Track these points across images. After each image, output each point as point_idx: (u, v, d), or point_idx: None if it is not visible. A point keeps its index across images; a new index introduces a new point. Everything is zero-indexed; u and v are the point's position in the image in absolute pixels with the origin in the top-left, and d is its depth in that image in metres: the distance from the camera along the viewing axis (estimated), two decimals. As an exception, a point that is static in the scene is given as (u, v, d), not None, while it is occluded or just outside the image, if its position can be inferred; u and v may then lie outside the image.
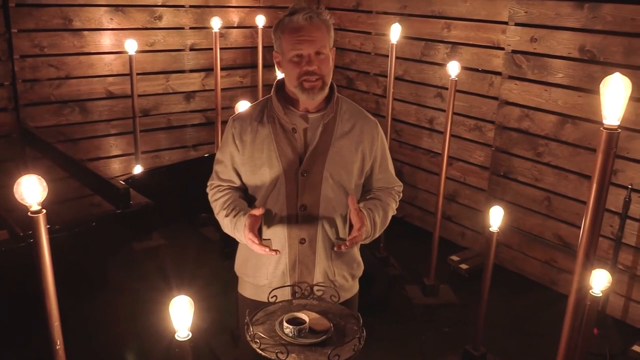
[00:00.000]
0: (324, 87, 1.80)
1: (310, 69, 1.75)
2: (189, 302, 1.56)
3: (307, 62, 1.75)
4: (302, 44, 1.75)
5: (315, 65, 1.75)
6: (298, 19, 1.75)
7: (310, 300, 1.84)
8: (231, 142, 1.89)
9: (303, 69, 1.75)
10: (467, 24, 3.98)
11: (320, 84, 1.78)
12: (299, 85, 1.78)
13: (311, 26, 1.75)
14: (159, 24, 4.34)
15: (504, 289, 3.66)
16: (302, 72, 1.76)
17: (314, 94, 1.78)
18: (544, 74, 3.55)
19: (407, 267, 3.99)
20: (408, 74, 4.45)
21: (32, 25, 3.81)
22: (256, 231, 1.77)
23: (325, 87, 1.80)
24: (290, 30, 1.77)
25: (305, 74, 1.76)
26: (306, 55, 1.75)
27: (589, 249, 1.43)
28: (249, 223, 1.76)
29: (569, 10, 3.36)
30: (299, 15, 1.76)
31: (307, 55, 1.75)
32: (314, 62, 1.75)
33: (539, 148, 3.66)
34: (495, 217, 2.81)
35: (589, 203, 1.38)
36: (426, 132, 4.42)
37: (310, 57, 1.75)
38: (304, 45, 1.75)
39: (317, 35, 1.76)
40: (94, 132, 4.24)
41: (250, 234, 1.75)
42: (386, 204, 1.97)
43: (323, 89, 1.79)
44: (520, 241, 3.89)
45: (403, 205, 4.67)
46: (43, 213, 1.52)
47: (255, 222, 1.76)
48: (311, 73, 1.75)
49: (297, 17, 1.76)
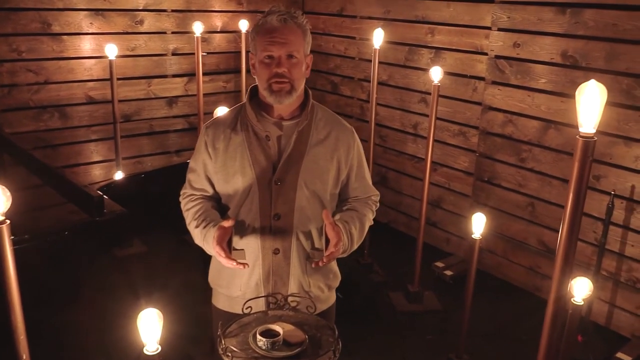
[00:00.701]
0: (292, 92, 1.74)
1: (279, 71, 1.71)
2: (157, 314, 1.52)
3: (277, 64, 1.71)
4: (273, 45, 1.71)
5: (285, 67, 1.71)
6: (272, 19, 1.72)
7: (286, 311, 1.80)
8: (204, 149, 1.84)
9: (273, 71, 1.71)
10: (451, 29, 3.96)
11: (289, 88, 1.73)
12: (268, 88, 1.74)
13: (285, 28, 1.72)
14: (141, 29, 4.29)
15: (488, 296, 3.63)
16: (271, 74, 1.72)
17: (280, 96, 1.73)
18: (526, 80, 3.54)
19: (391, 274, 3.96)
20: (392, 79, 4.43)
21: (10, 29, 3.74)
22: (225, 244, 1.71)
23: (293, 91, 1.75)
24: (263, 31, 1.73)
25: (275, 76, 1.71)
26: (277, 57, 1.71)
27: (567, 259, 1.40)
28: (217, 235, 1.70)
29: (551, 16, 3.35)
30: (274, 17, 1.72)
31: (278, 57, 1.71)
32: (284, 64, 1.71)
33: (522, 154, 3.65)
34: (478, 224, 2.79)
35: (566, 212, 1.35)
36: (411, 137, 4.40)
37: (281, 59, 1.71)
38: (275, 47, 1.71)
39: (290, 38, 1.72)
40: (74, 137, 4.17)
41: (217, 247, 1.69)
42: (362, 215, 1.92)
43: (291, 94, 1.74)
44: (505, 247, 3.87)
45: (388, 211, 4.66)
46: (7, 224, 1.47)
47: (224, 234, 1.71)
48: (280, 75, 1.71)
49: (272, 17, 1.72)
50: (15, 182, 3.37)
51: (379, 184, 4.64)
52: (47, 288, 2.04)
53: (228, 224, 1.70)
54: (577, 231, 1.37)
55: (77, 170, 4.23)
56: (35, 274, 2.02)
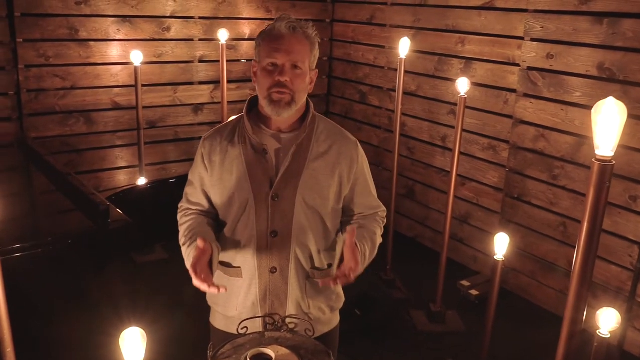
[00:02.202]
0: (292, 104, 1.65)
1: (281, 80, 1.62)
2: (141, 334, 1.45)
3: (279, 72, 1.62)
4: (278, 52, 1.62)
5: (288, 77, 1.62)
6: (280, 26, 1.63)
7: (283, 333, 1.71)
8: (200, 162, 1.77)
9: (275, 79, 1.62)
10: (482, 38, 3.82)
11: (289, 99, 1.63)
12: (268, 97, 1.64)
13: (292, 37, 1.63)
14: (168, 35, 4.28)
15: (514, 318, 3.46)
16: (273, 83, 1.63)
17: (279, 108, 1.64)
18: (560, 92, 3.37)
19: (414, 291, 3.82)
20: (421, 90, 4.30)
21: (38, 35, 3.78)
22: (202, 265, 1.57)
23: (293, 104, 1.65)
24: (270, 38, 1.65)
25: (276, 85, 1.62)
26: (280, 65, 1.62)
27: (581, 292, 1.27)
28: (194, 256, 1.59)
29: (587, 26, 3.18)
30: (282, 23, 1.64)
31: (282, 65, 1.62)
32: (287, 73, 1.62)
33: (554, 170, 3.47)
34: (501, 245, 2.64)
35: (580, 243, 1.22)
36: (439, 150, 4.26)
37: (285, 68, 1.62)
38: (280, 55, 1.62)
39: (297, 47, 1.63)
40: (99, 143, 4.19)
41: (190, 268, 1.57)
42: (373, 233, 1.80)
43: (290, 106, 1.64)
44: (534, 268, 3.68)
45: (414, 225, 4.52)
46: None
47: (201, 255, 1.58)
48: (282, 85, 1.62)
49: (280, 24, 1.64)
50: (40, 186, 3.41)
51: (405, 196, 4.51)
52: (46, 298, 2.01)
53: (202, 244, 1.57)
54: (592, 266, 1.24)
55: (102, 176, 4.25)
56: (37, 282, 1.99)
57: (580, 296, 1.22)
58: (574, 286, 1.24)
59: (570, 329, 1.28)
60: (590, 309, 2.01)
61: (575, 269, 1.23)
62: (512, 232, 3.69)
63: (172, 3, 4.24)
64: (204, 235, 1.66)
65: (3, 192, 2.91)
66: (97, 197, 2.37)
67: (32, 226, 2.73)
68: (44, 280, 2.01)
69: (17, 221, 2.58)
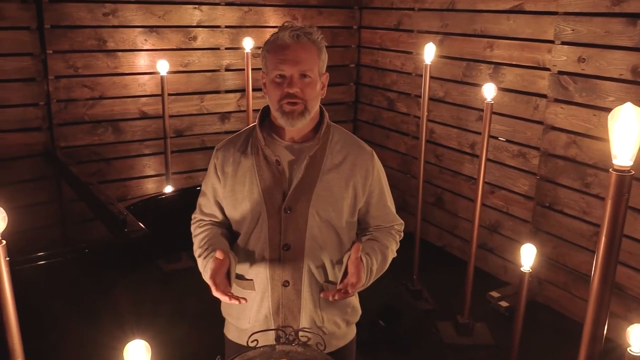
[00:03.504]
0: (305, 114, 1.61)
1: (291, 91, 1.58)
2: (145, 347, 1.43)
3: (288, 83, 1.59)
4: (285, 63, 1.59)
5: (298, 87, 1.59)
6: (284, 36, 1.60)
7: (295, 346, 1.67)
8: (213, 173, 1.74)
9: (284, 91, 1.59)
10: (511, 42, 3.72)
11: (301, 109, 1.60)
12: (279, 109, 1.61)
13: (297, 45, 1.60)
14: (194, 45, 4.31)
15: (545, 331, 3.34)
16: (283, 94, 1.59)
17: (292, 119, 1.60)
18: (592, 97, 3.24)
19: (442, 302, 3.72)
20: (449, 96, 4.22)
21: (67, 46, 3.85)
22: (221, 277, 1.57)
23: (306, 113, 1.61)
24: (275, 49, 1.61)
25: (286, 97, 1.59)
26: (289, 77, 1.59)
27: (600, 312, 1.19)
28: (212, 267, 1.58)
29: (620, 28, 3.06)
30: (285, 33, 1.60)
31: (290, 76, 1.59)
32: (296, 84, 1.59)
33: (587, 178, 3.34)
34: (527, 256, 2.54)
35: (597, 260, 1.15)
36: (468, 157, 4.16)
37: (293, 79, 1.59)
38: (287, 65, 1.59)
39: (303, 55, 1.60)
40: (126, 152, 4.24)
41: (210, 280, 1.57)
42: (385, 247, 1.75)
43: (304, 115, 1.61)
44: (567, 279, 3.55)
45: (443, 234, 4.42)
46: (2, 244, 1.43)
47: (220, 266, 1.58)
48: (292, 96, 1.58)
49: (284, 34, 1.60)
50: (67, 195, 3.47)
51: (433, 205, 4.42)
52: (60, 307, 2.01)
53: (221, 255, 1.57)
54: (612, 279, 1.16)
55: (130, 184, 4.29)
56: (53, 291, 2.00)
57: (599, 316, 1.14)
58: (590, 309, 1.16)
59: (590, 349, 1.20)
60: (627, 323, 1.91)
61: (594, 286, 1.15)
62: (543, 242, 3.58)
63: (199, 12, 4.27)
64: (220, 246, 1.65)
65: (30, 202, 2.98)
66: (115, 207, 2.38)
67: (60, 235, 2.78)
68: (59, 289, 2.02)
69: (41, 230, 2.63)
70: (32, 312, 1.76)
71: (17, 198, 2.67)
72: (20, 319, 1.51)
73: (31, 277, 1.87)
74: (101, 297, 2.37)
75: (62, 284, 2.14)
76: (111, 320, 2.25)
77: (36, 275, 1.89)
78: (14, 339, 1.56)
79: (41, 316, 1.79)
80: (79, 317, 2.16)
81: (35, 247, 2.15)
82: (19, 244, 1.87)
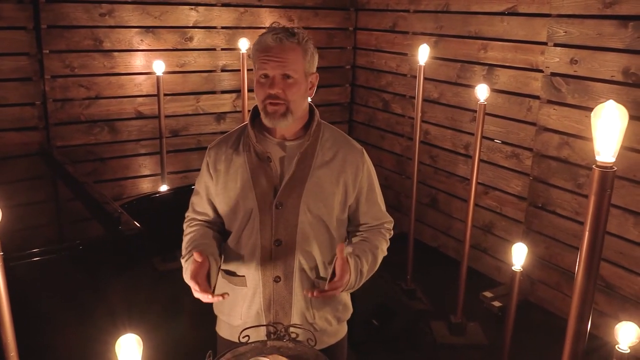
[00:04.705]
0: (287, 115, 1.64)
1: (272, 92, 1.61)
2: (137, 341, 1.45)
3: (270, 84, 1.62)
4: (267, 64, 1.62)
5: (280, 88, 1.61)
6: (267, 38, 1.63)
7: (285, 342, 1.69)
8: (206, 171, 1.77)
9: (267, 92, 1.62)
10: (505, 44, 3.75)
11: (283, 110, 1.63)
12: (263, 109, 1.65)
13: (280, 47, 1.62)
14: (190, 45, 4.33)
15: (537, 331, 3.36)
16: (265, 95, 1.63)
17: (274, 119, 1.63)
18: (585, 99, 3.27)
19: (436, 302, 3.74)
20: (444, 97, 4.25)
21: (63, 46, 3.87)
22: (202, 277, 1.58)
23: (289, 114, 1.64)
24: (259, 49, 1.65)
25: (269, 97, 1.62)
26: (271, 77, 1.62)
27: (584, 308, 1.21)
28: (191, 269, 1.60)
29: (611, 30, 3.09)
30: (269, 35, 1.64)
31: (272, 77, 1.62)
32: (278, 84, 1.61)
33: (579, 179, 3.37)
34: (519, 255, 2.57)
35: (581, 255, 1.17)
36: (462, 158, 4.19)
37: (275, 79, 1.62)
38: (270, 66, 1.62)
39: (286, 57, 1.62)
40: (122, 151, 4.25)
41: (191, 281, 1.57)
42: (375, 247, 1.78)
43: (286, 116, 1.64)
44: (559, 279, 3.58)
45: (437, 235, 4.44)
46: (-5, 242, 1.44)
47: (199, 268, 1.59)
48: (274, 97, 1.62)
49: (267, 36, 1.64)
50: (62, 194, 3.48)
51: (428, 205, 4.45)
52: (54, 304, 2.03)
53: (199, 258, 1.58)
54: (594, 279, 1.18)
55: (125, 184, 4.30)
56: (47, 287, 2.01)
57: (582, 316, 1.17)
58: (575, 305, 1.18)
59: (574, 345, 1.22)
60: (618, 322, 1.94)
61: (578, 281, 1.18)
62: (536, 242, 3.61)
63: (195, 13, 4.29)
64: (203, 248, 1.66)
65: (26, 200, 2.99)
66: (109, 205, 2.39)
67: (56, 233, 2.78)
68: (54, 285, 2.03)
69: (36, 229, 2.64)
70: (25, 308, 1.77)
71: (13, 197, 2.68)
72: (13, 315, 1.52)
73: (25, 274, 1.88)
74: (95, 294, 2.38)
75: (56, 280, 2.16)
76: (104, 316, 2.26)
77: (30, 272, 1.91)
78: (7, 335, 1.58)
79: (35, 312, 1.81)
80: (72, 313, 2.17)
81: (30, 246, 2.17)
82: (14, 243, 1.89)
